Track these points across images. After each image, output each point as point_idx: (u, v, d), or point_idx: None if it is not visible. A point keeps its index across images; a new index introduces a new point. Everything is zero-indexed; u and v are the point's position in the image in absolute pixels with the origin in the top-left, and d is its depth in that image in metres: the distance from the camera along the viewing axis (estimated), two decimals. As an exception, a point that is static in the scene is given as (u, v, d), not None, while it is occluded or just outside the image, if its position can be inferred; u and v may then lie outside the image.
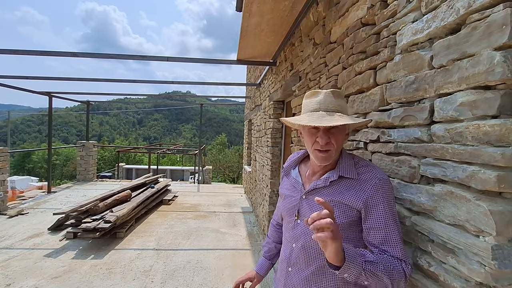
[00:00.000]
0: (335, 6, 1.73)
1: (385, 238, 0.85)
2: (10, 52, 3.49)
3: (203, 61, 3.98)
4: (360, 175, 0.91)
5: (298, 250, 0.97)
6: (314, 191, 0.96)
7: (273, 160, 3.99)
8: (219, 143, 32.25)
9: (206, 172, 10.68)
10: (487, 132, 0.67)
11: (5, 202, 5.18)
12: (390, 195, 0.88)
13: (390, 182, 0.90)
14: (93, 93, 6.99)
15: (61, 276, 2.87)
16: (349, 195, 0.89)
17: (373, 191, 0.87)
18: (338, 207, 0.90)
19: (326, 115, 0.88)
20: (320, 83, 1.95)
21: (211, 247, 3.74)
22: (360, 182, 0.89)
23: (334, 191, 0.92)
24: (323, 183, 0.94)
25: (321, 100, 0.92)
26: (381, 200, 0.86)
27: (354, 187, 0.90)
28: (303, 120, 0.90)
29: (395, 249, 0.84)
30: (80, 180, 8.31)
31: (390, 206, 0.86)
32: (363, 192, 0.88)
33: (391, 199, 0.88)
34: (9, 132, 34.69)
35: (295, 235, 1.00)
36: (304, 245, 0.96)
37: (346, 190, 0.90)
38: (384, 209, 0.86)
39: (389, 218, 0.85)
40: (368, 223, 0.88)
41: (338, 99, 0.93)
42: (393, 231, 0.85)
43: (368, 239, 0.89)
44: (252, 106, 6.56)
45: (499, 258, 0.64)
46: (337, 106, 0.91)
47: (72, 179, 18.55)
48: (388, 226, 0.85)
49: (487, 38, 0.67)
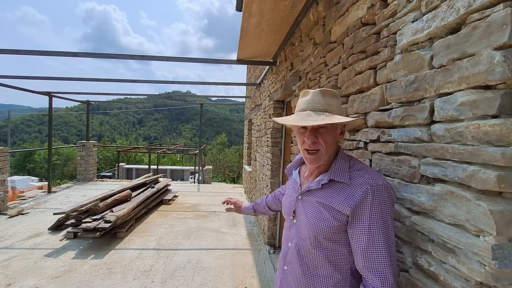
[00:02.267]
0: (335, 6, 1.73)
1: (364, 254, 0.80)
2: (11, 52, 3.49)
3: (203, 61, 3.98)
4: (352, 180, 0.86)
5: (293, 250, 0.98)
6: (307, 192, 0.96)
7: (273, 160, 3.99)
8: (219, 143, 32.27)
9: (206, 172, 10.68)
10: (487, 132, 0.66)
11: (6, 202, 5.18)
12: (383, 204, 0.81)
13: (386, 189, 0.82)
14: (93, 93, 6.99)
15: (61, 276, 2.87)
16: (339, 200, 0.86)
17: (361, 197, 0.81)
18: (328, 211, 0.88)
19: (313, 114, 0.86)
20: (320, 83, 1.95)
21: (211, 247, 3.75)
22: (351, 187, 0.85)
23: (326, 194, 0.90)
24: (315, 185, 0.92)
25: (309, 99, 0.91)
26: (369, 208, 0.80)
27: (344, 192, 0.86)
28: (289, 119, 0.90)
29: (373, 272, 0.78)
30: (80, 180, 8.32)
31: (380, 217, 0.79)
32: (352, 198, 0.83)
33: (384, 208, 0.80)
34: (9, 132, 34.71)
35: (290, 234, 1.02)
36: (297, 244, 0.96)
37: (336, 194, 0.87)
38: (370, 219, 0.79)
39: (375, 231, 0.79)
40: (350, 232, 0.84)
41: (328, 98, 0.91)
42: (377, 247, 0.78)
43: (352, 248, 0.86)
44: (252, 106, 6.56)
45: (499, 258, 0.64)
46: (325, 105, 0.89)
47: (72, 179, 18.56)
48: (372, 239, 0.79)
49: (487, 38, 0.67)
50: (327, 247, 0.89)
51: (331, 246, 0.89)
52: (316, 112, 0.88)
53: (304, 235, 0.94)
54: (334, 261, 0.89)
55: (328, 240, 0.88)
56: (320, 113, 0.87)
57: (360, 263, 0.82)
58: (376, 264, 0.79)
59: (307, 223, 0.92)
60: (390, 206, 0.83)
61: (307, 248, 0.93)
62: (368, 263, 0.80)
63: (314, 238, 0.90)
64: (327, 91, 0.92)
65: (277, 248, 3.72)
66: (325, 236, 0.88)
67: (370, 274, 0.80)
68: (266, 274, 3.04)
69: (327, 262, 0.90)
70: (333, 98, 0.93)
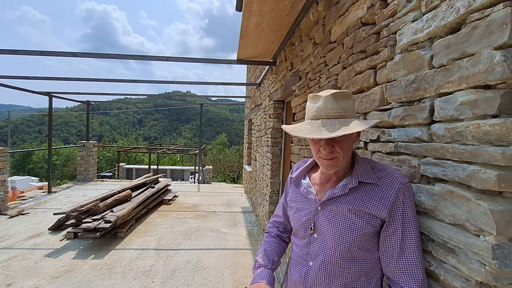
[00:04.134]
0: (335, 6, 1.73)
1: (399, 256, 0.78)
2: (10, 52, 3.49)
3: (203, 61, 3.99)
4: (380, 180, 0.83)
5: (317, 269, 0.87)
6: (331, 200, 0.87)
7: (273, 160, 3.99)
8: (219, 143, 32.28)
9: (206, 172, 10.68)
10: (487, 132, 0.66)
11: (6, 202, 5.19)
12: (413, 202, 0.82)
13: (411, 187, 0.84)
14: (93, 93, 7.00)
15: (62, 276, 2.87)
16: (373, 203, 0.81)
17: (395, 197, 0.80)
18: (360, 216, 0.82)
19: (328, 124, 0.80)
20: (320, 83, 1.95)
21: (212, 247, 3.75)
22: (382, 188, 0.82)
23: (355, 199, 0.83)
24: (341, 191, 0.85)
25: (321, 106, 0.83)
26: (401, 208, 0.80)
27: (376, 194, 0.82)
28: (303, 131, 0.82)
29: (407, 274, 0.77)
30: (80, 180, 8.32)
31: (412, 216, 0.80)
32: (387, 199, 0.80)
33: (414, 207, 0.82)
34: (9, 132, 34.72)
35: (311, 251, 0.90)
36: (324, 261, 0.86)
37: (368, 197, 0.82)
38: (403, 219, 0.79)
39: (410, 231, 0.79)
40: (383, 235, 0.82)
41: (341, 100, 0.83)
42: (412, 248, 0.78)
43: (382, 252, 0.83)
44: (252, 106, 6.56)
45: (500, 258, 0.64)
46: (339, 110, 0.82)
47: (72, 179, 18.56)
48: (406, 240, 0.78)
49: (487, 38, 0.67)
50: (359, 257, 0.84)
51: (363, 256, 0.84)
52: (331, 120, 0.81)
53: (332, 250, 0.85)
54: (366, 271, 0.84)
55: (361, 250, 0.83)
56: (335, 121, 0.80)
57: (392, 265, 0.79)
58: (411, 265, 0.77)
59: (336, 235, 0.84)
60: (415, 203, 0.84)
61: (338, 264, 0.84)
62: (402, 264, 0.78)
63: (347, 251, 0.83)
64: (339, 93, 0.84)
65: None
66: (358, 246, 0.82)
67: (404, 276, 0.77)
68: (266, 274, 3.04)
69: (360, 274, 0.84)
70: (347, 99, 0.85)
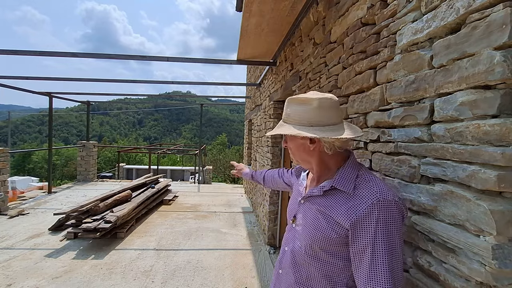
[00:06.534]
0: (335, 6, 1.73)
1: (365, 277, 0.72)
2: (10, 53, 3.50)
3: (203, 61, 3.99)
4: (356, 190, 0.79)
5: (288, 255, 0.95)
6: (309, 198, 0.92)
7: (273, 160, 3.99)
8: (219, 143, 32.31)
9: (206, 172, 10.67)
10: (487, 132, 0.66)
11: (6, 203, 5.19)
12: (391, 223, 0.72)
13: (396, 206, 0.73)
14: (93, 93, 7.01)
15: (62, 276, 2.87)
16: (339, 210, 0.79)
17: (365, 212, 0.73)
18: (327, 220, 0.82)
19: (280, 125, 0.90)
20: (320, 83, 1.95)
21: (212, 247, 3.75)
22: (354, 199, 0.78)
23: (326, 202, 0.84)
24: (317, 191, 0.88)
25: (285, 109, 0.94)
26: (373, 226, 0.71)
27: (346, 203, 0.79)
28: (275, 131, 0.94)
29: None
30: (80, 180, 8.32)
31: (386, 238, 0.70)
32: (354, 211, 0.75)
33: (392, 228, 0.71)
34: (9, 132, 34.74)
35: (288, 238, 0.99)
36: (293, 250, 0.93)
37: (337, 204, 0.81)
38: (374, 239, 0.71)
39: (380, 253, 0.70)
40: (352, 250, 0.77)
41: (292, 106, 0.87)
42: (380, 272, 0.69)
43: (353, 267, 0.78)
44: (252, 106, 6.56)
45: (500, 258, 0.64)
46: (285, 115, 0.89)
47: (72, 179, 18.56)
48: (375, 262, 0.70)
49: (487, 38, 0.67)
50: (322, 258, 0.84)
51: (327, 258, 0.83)
52: (283, 122, 0.89)
53: (300, 242, 0.90)
54: (329, 274, 0.83)
55: (324, 252, 0.83)
56: (283, 123, 0.89)
57: (361, 285, 0.75)
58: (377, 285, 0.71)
59: (304, 230, 0.89)
60: (400, 225, 0.73)
61: (302, 256, 0.88)
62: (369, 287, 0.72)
63: (310, 247, 0.85)
64: (293, 99, 0.88)
65: (277, 248, 3.72)
66: (321, 247, 0.83)
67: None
68: (266, 274, 3.05)
69: (321, 275, 0.84)
70: (298, 105, 0.85)
